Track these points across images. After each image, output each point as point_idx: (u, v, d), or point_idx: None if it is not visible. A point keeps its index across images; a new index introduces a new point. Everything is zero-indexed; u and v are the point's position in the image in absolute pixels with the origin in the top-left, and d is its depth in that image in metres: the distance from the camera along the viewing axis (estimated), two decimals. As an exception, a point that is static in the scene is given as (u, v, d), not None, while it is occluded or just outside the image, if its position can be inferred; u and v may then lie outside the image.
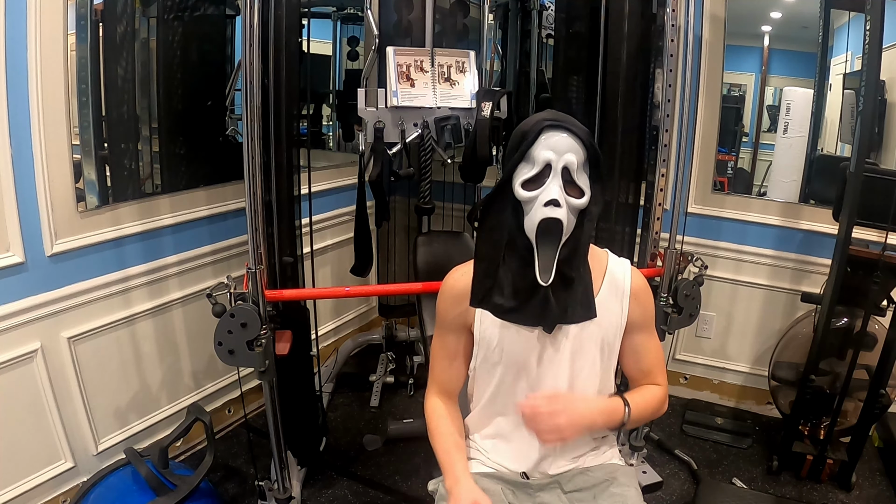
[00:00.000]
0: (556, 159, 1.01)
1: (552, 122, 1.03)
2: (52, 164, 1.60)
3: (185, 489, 1.64)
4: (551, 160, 1.01)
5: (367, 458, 2.16)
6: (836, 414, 1.99)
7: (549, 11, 2.56)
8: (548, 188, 1.01)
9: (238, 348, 1.50)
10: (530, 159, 1.03)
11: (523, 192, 1.03)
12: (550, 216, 1.00)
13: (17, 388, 1.63)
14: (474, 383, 1.22)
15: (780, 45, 2.26)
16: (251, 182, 1.46)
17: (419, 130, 1.97)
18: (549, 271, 1.02)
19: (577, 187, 1.04)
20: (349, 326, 2.95)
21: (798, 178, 2.28)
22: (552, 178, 1.02)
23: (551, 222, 1.01)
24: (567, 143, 1.02)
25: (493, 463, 1.21)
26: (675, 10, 1.68)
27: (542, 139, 1.03)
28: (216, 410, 2.23)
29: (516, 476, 1.19)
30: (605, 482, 1.18)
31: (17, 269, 1.59)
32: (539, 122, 1.04)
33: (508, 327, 1.12)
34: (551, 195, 1.01)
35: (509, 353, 1.14)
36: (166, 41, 1.89)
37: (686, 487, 2.06)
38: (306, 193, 1.85)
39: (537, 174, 1.03)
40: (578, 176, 1.04)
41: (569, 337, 1.12)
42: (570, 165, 1.02)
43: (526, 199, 1.03)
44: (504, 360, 1.14)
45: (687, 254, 1.80)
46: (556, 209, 1.00)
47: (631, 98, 1.85)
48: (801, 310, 2.26)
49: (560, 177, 1.02)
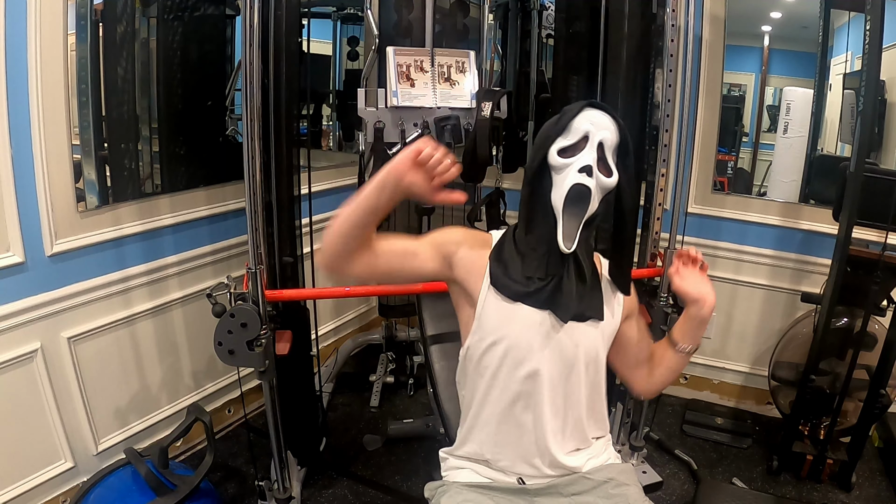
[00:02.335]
0: (595, 132, 1.06)
1: (595, 102, 1.10)
2: (52, 164, 1.60)
3: (185, 489, 1.64)
4: (590, 131, 1.06)
5: (367, 458, 2.16)
6: (836, 414, 1.99)
7: (549, 11, 2.56)
8: (583, 156, 1.06)
9: (238, 348, 1.50)
10: (569, 130, 1.07)
11: (559, 159, 1.07)
12: (582, 182, 1.04)
13: (17, 388, 1.63)
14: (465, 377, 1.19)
15: (780, 45, 2.26)
16: (251, 182, 1.46)
17: (419, 130, 1.97)
18: (573, 238, 1.05)
19: (607, 166, 1.08)
20: (349, 326, 2.95)
21: (798, 178, 2.28)
22: (588, 148, 1.06)
23: (581, 189, 1.04)
24: (606, 121, 1.07)
25: (489, 472, 1.19)
26: (675, 10, 1.68)
27: (584, 113, 1.07)
28: (216, 410, 2.23)
29: (513, 483, 1.17)
30: (605, 483, 1.17)
31: (17, 269, 1.59)
32: (582, 101, 1.10)
33: (514, 309, 1.10)
34: (586, 161, 1.05)
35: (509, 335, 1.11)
36: (166, 41, 1.89)
37: (686, 487, 2.06)
38: (306, 193, 1.85)
39: (574, 144, 1.07)
40: (610, 156, 1.08)
41: (570, 334, 1.12)
42: (606, 141, 1.07)
43: (560, 166, 1.07)
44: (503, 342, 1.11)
45: (687, 254, 1.80)
46: (587, 178, 1.04)
47: (631, 98, 1.85)
48: (801, 310, 2.26)
49: (595, 150, 1.06)
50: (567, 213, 1.05)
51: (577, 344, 1.12)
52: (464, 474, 1.21)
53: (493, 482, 1.18)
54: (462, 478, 1.20)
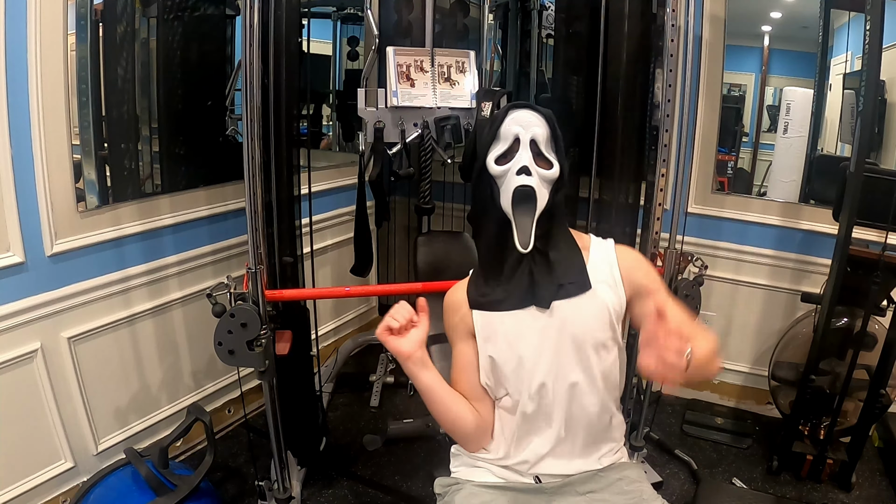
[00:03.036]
0: (524, 132, 1.11)
1: (517, 103, 1.15)
2: (52, 164, 1.60)
3: (185, 489, 1.64)
4: (519, 133, 1.11)
5: (367, 458, 2.16)
6: (836, 414, 1.99)
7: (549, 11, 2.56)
8: (518, 158, 1.10)
9: (238, 348, 1.50)
10: (500, 137, 1.12)
11: (496, 167, 1.12)
12: (524, 183, 1.08)
13: (17, 388, 1.63)
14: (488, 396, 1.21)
15: (780, 45, 2.26)
16: (251, 182, 1.46)
17: (419, 130, 1.97)
18: (528, 237, 1.08)
19: (545, 159, 1.12)
20: (349, 326, 2.95)
21: (798, 178, 2.28)
22: (521, 149, 1.10)
23: (525, 189, 1.08)
24: (532, 118, 1.12)
25: (504, 473, 1.19)
26: (675, 10, 1.68)
27: (509, 117, 1.12)
28: (216, 410, 2.23)
29: (529, 483, 1.18)
30: (619, 481, 1.18)
31: (17, 269, 1.59)
32: (505, 105, 1.16)
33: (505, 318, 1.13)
34: (522, 162, 1.09)
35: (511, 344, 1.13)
36: (166, 41, 1.89)
37: (686, 487, 2.06)
38: (306, 193, 1.85)
39: (508, 149, 1.11)
40: (546, 149, 1.12)
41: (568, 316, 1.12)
42: (537, 137, 1.11)
43: (499, 173, 1.11)
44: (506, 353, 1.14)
45: (687, 254, 1.80)
46: (527, 177, 1.08)
47: (631, 98, 1.85)
48: (801, 310, 2.25)
49: (529, 149, 1.10)
50: (518, 214, 1.09)
51: (569, 324, 1.12)
52: (478, 473, 1.20)
53: (508, 482, 1.18)
54: (477, 477, 1.20)
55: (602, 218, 1.97)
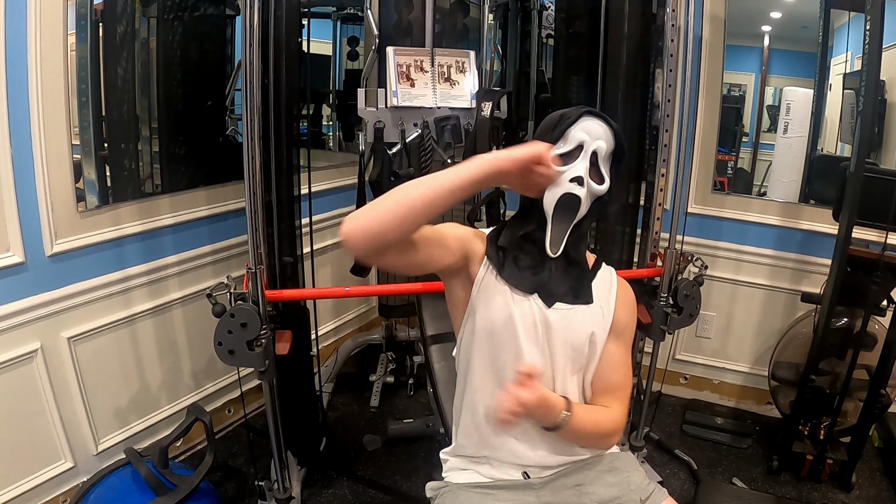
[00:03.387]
0: (590, 142, 1.09)
1: (592, 111, 1.12)
2: (52, 164, 1.60)
3: (185, 489, 1.64)
4: (585, 141, 1.08)
5: (367, 458, 2.16)
6: (836, 414, 1.99)
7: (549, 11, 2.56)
8: (576, 166, 1.08)
9: (238, 348, 1.50)
10: (566, 138, 1.10)
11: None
12: (573, 192, 1.07)
13: (17, 388, 1.63)
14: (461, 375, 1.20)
15: (780, 45, 2.26)
16: (251, 182, 1.46)
17: (419, 130, 1.97)
18: (559, 244, 1.09)
19: (599, 173, 1.11)
20: (349, 326, 2.95)
21: (798, 178, 2.28)
22: (581, 158, 1.08)
23: (572, 198, 1.07)
24: (602, 130, 1.10)
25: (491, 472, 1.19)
26: (675, 10, 1.68)
27: (580, 122, 1.10)
28: (216, 410, 2.23)
29: (517, 479, 1.18)
30: (608, 472, 1.19)
31: (17, 269, 1.59)
32: (580, 108, 1.12)
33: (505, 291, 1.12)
34: (578, 172, 1.07)
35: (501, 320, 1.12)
36: (166, 41, 1.89)
37: (686, 487, 2.06)
38: (306, 193, 1.85)
39: (569, 152, 1.09)
40: (603, 164, 1.11)
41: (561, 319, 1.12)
42: (600, 151, 1.09)
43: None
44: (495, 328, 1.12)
45: (687, 254, 1.80)
46: (578, 187, 1.07)
47: (631, 98, 1.85)
48: (801, 310, 2.26)
49: (588, 159, 1.09)
50: (556, 219, 1.09)
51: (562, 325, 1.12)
52: (465, 476, 1.21)
53: (496, 481, 1.18)
54: (464, 479, 1.21)
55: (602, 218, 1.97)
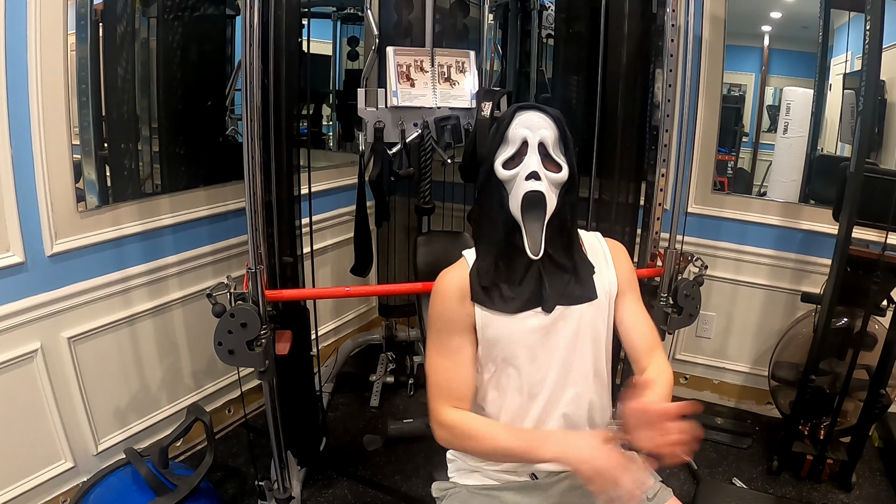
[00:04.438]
0: (532, 135, 1.08)
1: (523, 105, 1.12)
2: (52, 164, 1.60)
3: (185, 489, 1.64)
4: (527, 136, 1.08)
5: (367, 458, 2.16)
6: (836, 414, 1.99)
7: (549, 11, 2.56)
8: (526, 163, 1.08)
9: (238, 348, 1.50)
10: (507, 140, 1.10)
11: (504, 172, 1.09)
12: (533, 189, 1.06)
13: (17, 388, 1.63)
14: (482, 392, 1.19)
15: (780, 45, 2.26)
16: (251, 182, 1.46)
17: (419, 130, 1.97)
18: (538, 244, 1.07)
19: (554, 162, 1.10)
20: (349, 326, 2.95)
21: (798, 178, 2.28)
22: (530, 153, 1.08)
23: (534, 195, 1.06)
24: (540, 120, 1.10)
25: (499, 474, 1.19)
26: (675, 10, 1.68)
27: (516, 120, 1.10)
28: (216, 410, 2.23)
29: (525, 480, 1.18)
30: None
31: (17, 269, 1.59)
32: (512, 107, 1.13)
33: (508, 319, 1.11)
34: (531, 167, 1.07)
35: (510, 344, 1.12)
36: (166, 41, 1.89)
37: (686, 487, 2.06)
38: (306, 193, 1.85)
39: (516, 153, 1.09)
40: (554, 152, 1.10)
41: (568, 321, 1.12)
42: (546, 140, 1.09)
43: (507, 178, 1.09)
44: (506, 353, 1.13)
45: (687, 254, 1.80)
46: (536, 182, 1.06)
47: (631, 98, 1.85)
48: (801, 310, 2.25)
49: (537, 152, 1.08)
50: (527, 220, 1.07)
51: (569, 325, 1.12)
52: (474, 478, 1.21)
53: (503, 483, 1.18)
54: (472, 480, 1.20)
55: (602, 218, 1.97)
